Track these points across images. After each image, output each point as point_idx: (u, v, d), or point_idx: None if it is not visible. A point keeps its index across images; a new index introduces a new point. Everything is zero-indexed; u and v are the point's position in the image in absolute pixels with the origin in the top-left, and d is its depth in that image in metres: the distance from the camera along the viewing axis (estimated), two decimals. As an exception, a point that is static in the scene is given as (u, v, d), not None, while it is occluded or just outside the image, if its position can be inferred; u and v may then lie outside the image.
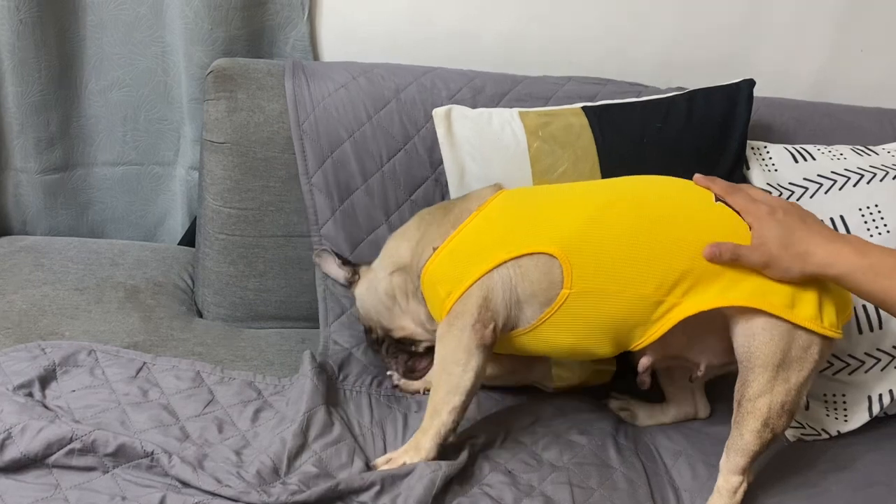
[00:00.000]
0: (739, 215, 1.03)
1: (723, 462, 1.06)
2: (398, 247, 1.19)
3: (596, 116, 1.30)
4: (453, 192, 1.29)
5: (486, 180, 1.26)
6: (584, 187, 1.15)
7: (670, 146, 1.30)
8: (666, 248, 1.02)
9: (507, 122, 1.29)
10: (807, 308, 1.00)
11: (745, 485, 1.05)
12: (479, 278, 1.06)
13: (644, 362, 1.10)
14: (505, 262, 1.05)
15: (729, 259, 0.99)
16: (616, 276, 1.02)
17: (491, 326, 1.05)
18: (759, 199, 1.02)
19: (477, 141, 1.28)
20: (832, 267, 0.95)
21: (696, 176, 1.09)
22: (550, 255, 1.04)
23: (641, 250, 1.02)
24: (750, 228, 1.01)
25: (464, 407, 1.05)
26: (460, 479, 1.04)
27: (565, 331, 1.06)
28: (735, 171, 1.33)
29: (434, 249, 1.11)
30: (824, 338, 1.02)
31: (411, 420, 1.15)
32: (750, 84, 1.35)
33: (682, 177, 1.14)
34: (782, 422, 1.03)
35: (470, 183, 1.28)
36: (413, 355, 1.22)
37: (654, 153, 1.29)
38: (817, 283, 1.01)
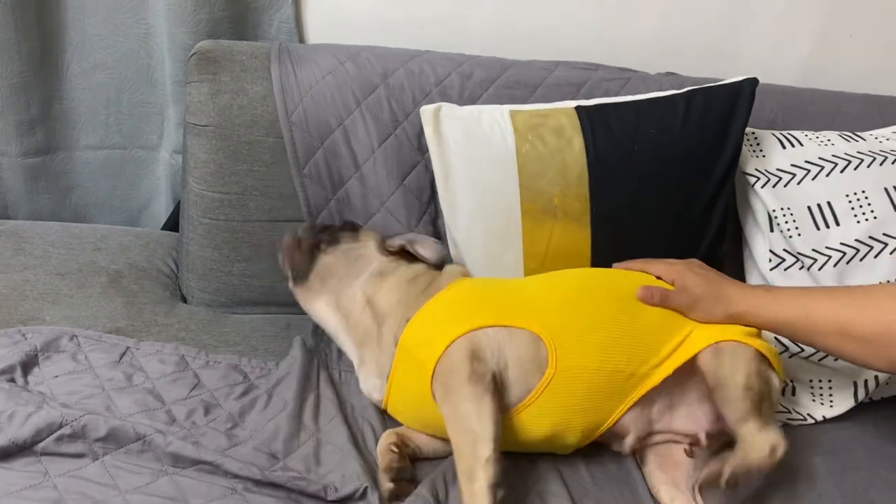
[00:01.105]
0: (661, 279, 1.13)
1: (735, 429, 1.03)
2: (387, 296, 1.14)
3: (589, 119, 1.27)
4: (441, 192, 1.28)
5: (472, 184, 1.25)
6: (548, 278, 1.19)
7: (663, 152, 1.27)
8: (633, 325, 1.08)
9: (496, 123, 1.26)
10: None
11: (769, 434, 1.02)
12: (462, 335, 1.03)
13: (628, 442, 1.09)
14: (490, 326, 1.05)
15: (658, 300, 1.10)
16: (595, 354, 1.05)
17: (489, 376, 1.01)
18: (674, 263, 1.16)
19: (465, 143, 1.26)
20: (745, 305, 1.08)
21: (615, 265, 1.19)
22: (535, 335, 1.05)
23: (615, 329, 1.07)
24: (673, 284, 1.12)
25: (496, 457, 0.96)
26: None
27: (547, 414, 1.04)
28: (729, 174, 1.29)
29: (407, 320, 1.08)
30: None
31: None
32: (752, 83, 1.30)
33: (673, 183, 1.26)
34: (761, 384, 1.05)
35: (456, 185, 1.26)
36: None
37: (645, 160, 1.26)
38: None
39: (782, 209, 1.31)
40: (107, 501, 0.91)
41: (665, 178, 1.26)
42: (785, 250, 1.31)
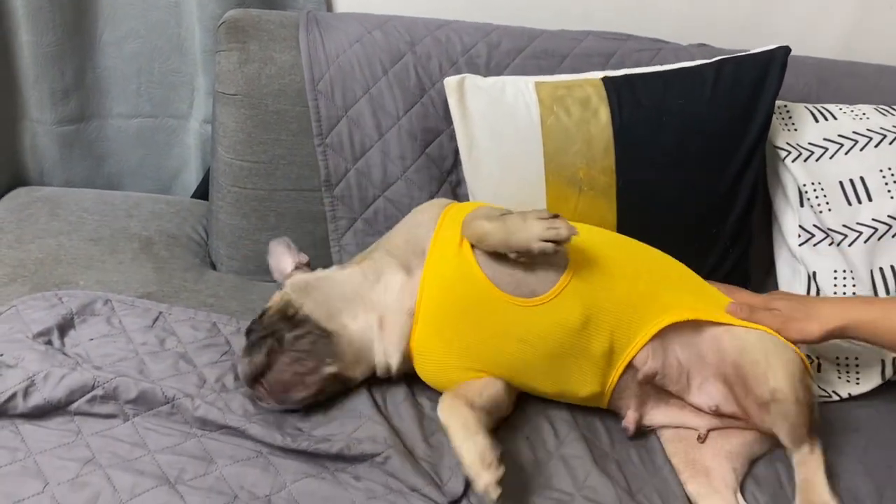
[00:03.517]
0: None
1: (788, 449, 1.08)
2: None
3: (616, 89, 1.26)
4: (465, 164, 1.28)
5: (496, 156, 1.25)
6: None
7: (691, 123, 1.25)
8: (657, 256, 1.15)
9: (521, 94, 1.25)
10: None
11: (817, 449, 1.08)
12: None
13: (643, 370, 1.09)
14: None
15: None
16: (618, 257, 1.09)
17: None
18: (756, 295, 1.16)
19: (489, 114, 1.25)
20: (849, 321, 1.05)
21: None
22: None
23: (637, 249, 1.14)
24: (759, 305, 1.12)
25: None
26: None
27: (578, 297, 1.04)
28: (759, 145, 1.27)
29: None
30: None
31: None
32: (784, 52, 1.27)
33: (701, 155, 1.25)
34: (808, 392, 1.06)
35: (480, 157, 1.26)
36: (295, 362, 1.03)
37: (672, 131, 1.25)
38: None
39: (813, 184, 1.29)
40: (137, 460, 0.94)
41: (693, 149, 1.25)
42: (815, 226, 1.29)
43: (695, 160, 1.25)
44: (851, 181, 1.27)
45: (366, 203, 1.31)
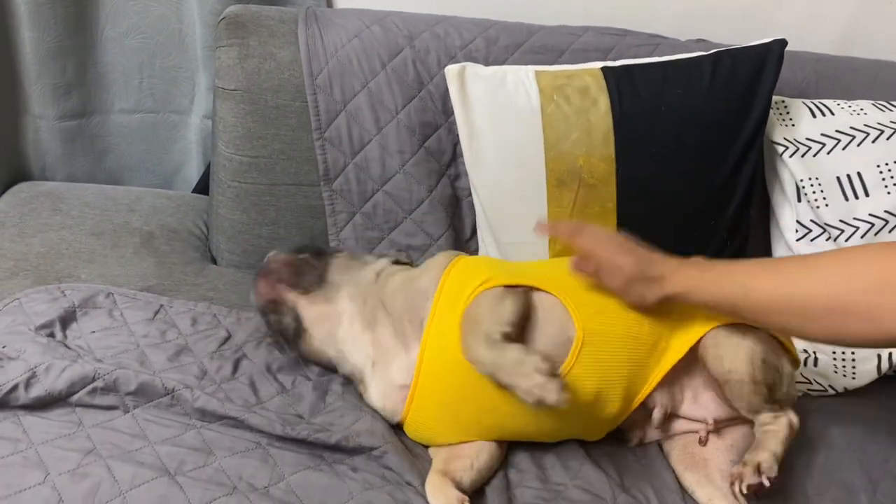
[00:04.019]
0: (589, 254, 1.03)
1: (752, 420, 1.05)
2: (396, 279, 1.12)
3: (615, 79, 1.26)
4: (465, 153, 1.28)
5: (497, 144, 1.26)
6: (555, 261, 1.17)
7: (689, 114, 1.26)
8: None
9: (521, 82, 1.26)
10: None
11: (783, 419, 1.04)
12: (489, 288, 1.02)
13: (656, 416, 1.10)
14: (511, 285, 1.03)
15: (593, 272, 1.03)
16: (613, 318, 1.05)
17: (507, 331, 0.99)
18: (601, 240, 1.04)
19: (490, 102, 1.26)
20: (681, 286, 0.99)
21: (537, 225, 1.12)
22: (552, 296, 1.05)
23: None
24: (602, 262, 1.02)
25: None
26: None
27: (591, 374, 1.02)
28: (756, 137, 1.28)
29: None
30: None
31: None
32: (781, 45, 1.28)
33: (699, 146, 1.24)
34: (770, 374, 1.04)
35: (480, 146, 1.27)
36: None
37: (671, 122, 1.25)
38: None
39: (810, 179, 1.29)
40: (136, 451, 0.95)
41: (691, 141, 1.26)
42: (812, 221, 1.30)
43: (693, 151, 1.26)
44: (849, 176, 1.27)
45: (364, 197, 1.31)
